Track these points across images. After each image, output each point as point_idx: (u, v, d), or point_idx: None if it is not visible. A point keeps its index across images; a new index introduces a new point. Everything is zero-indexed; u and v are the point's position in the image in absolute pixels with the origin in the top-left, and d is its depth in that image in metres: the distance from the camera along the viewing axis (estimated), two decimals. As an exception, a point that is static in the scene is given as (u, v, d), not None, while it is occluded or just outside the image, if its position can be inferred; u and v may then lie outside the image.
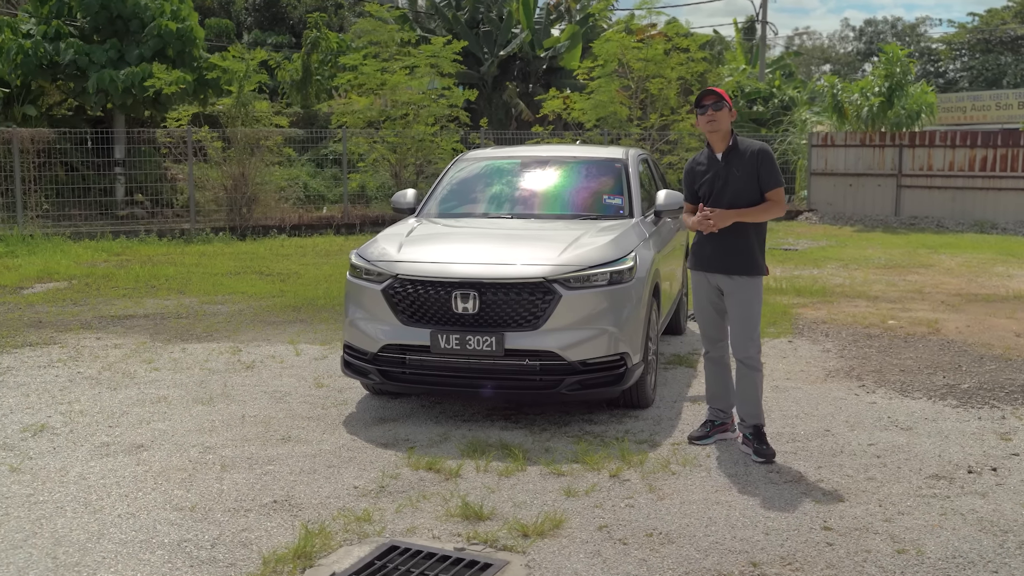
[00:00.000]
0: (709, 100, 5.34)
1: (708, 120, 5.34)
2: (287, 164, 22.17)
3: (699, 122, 5.42)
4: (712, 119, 5.33)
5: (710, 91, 5.38)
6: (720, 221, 5.25)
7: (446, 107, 19.36)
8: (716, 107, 5.33)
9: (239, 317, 9.56)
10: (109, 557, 4.04)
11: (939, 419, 6.17)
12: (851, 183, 21.04)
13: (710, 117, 5.33)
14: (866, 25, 78.11)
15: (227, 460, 5.30)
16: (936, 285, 12.13)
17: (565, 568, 3.94)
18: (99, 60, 19.93)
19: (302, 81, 27.65)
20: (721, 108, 5.34)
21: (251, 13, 49.44)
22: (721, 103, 5.33)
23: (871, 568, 3.97)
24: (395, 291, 5.83)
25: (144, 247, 15.57)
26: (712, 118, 5.33)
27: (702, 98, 5.37)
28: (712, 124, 5.34)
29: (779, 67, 35.25)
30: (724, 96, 5.39)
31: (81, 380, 7.05)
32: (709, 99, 5.34)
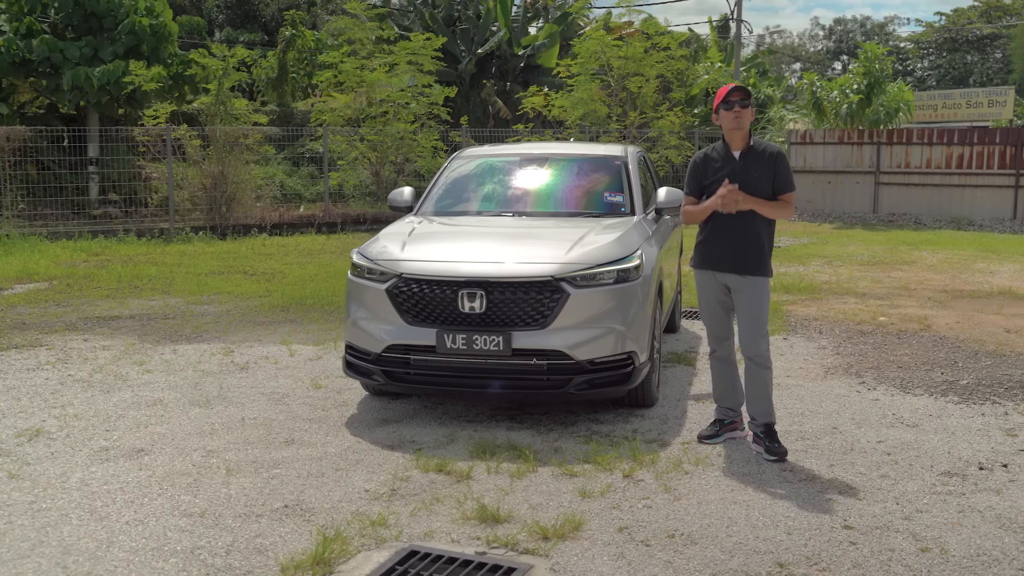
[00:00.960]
0: (737, 96, 5.28)
1: (734, 116, 5.28)
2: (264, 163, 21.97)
3: (722, 118, 5.34)
4: (739, 116, 5.28)
5: (739, 87, 5.32)
6: (742, 202, 5.16)
7: (426, 105, 19.24)
8: (743, 104, 5.28)
9: (227, 317, 9.42)
10: (121, 566, 3.93)
11: (943, 415, 6.17)
12: (830, 180, 21.17)
13: (737, 114, 5.28)
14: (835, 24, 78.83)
15: (232, 464, 5.19)
16: (921, 281, 12.19)
17: (591, 571, 3.88)
18: (73, 57, 19.61)
19: (278, 79, 27.41)
20: (747, 106, 5.29)
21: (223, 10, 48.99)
22: (748, 100, 5.29)
23: (897, 567, 3.94)
24: (399, 290, 5.74)
25: (123, 247, 15.34)
26: (739, 115, 5.28)
27: (730, 93, 5.30)
28: (737, 121, 5.29)
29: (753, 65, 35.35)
30: (749, 94, 5.35)
31: (72, 383, 6.89)
32: (737, 95, 5.28)
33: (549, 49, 25.80)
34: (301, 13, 29.58)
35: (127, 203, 19.52)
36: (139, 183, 20.47)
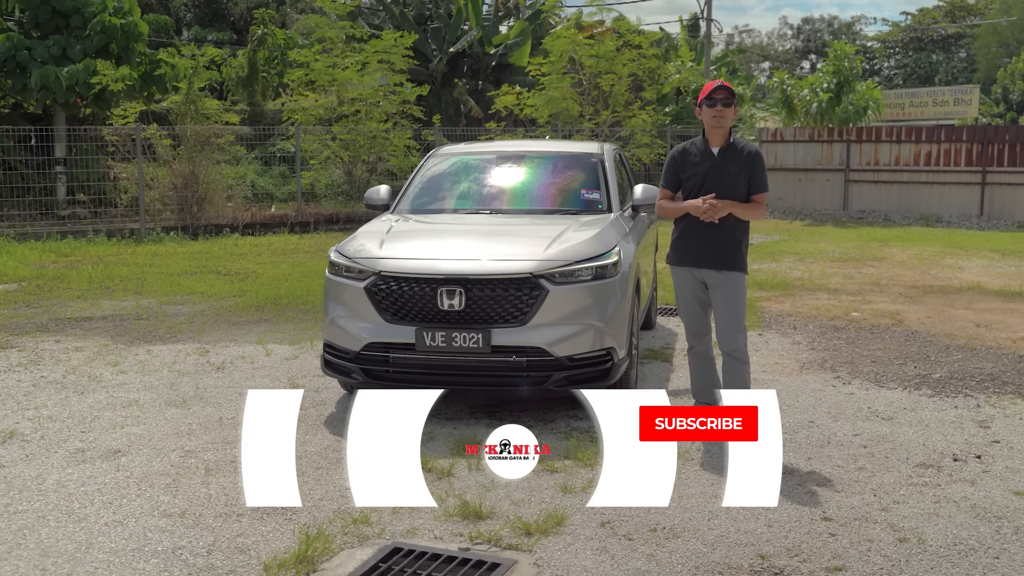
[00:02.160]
0: (720, 94, 5.32)
1: (716, 114, 5.32)
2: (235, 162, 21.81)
3: (704, 114, 5.39)
4: (720, 114, 5.32)
5: (722, 86, 5.35)
6: (721, 211, 5.22)
7: (398, 103, 19.19)
8: (726, 102, 5.32)
9: (201, 318, 9.35)
10: (101, 567, 3.90)
11: (917, 408, 6.25)
12: (800, 178, 21.35)
13: (719, 112, 5.31)
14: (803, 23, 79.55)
15: (210, 464, 5.16)
16: (892, 277, 12.33)
17: (574, 566, 3.90)
18: (40, 56, 19.38)
19: (248, 78, 27.22)
20: (730, 104, 5.33)
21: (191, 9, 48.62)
22: (731, 99, 5.33)
23: (876, 557, 3.99)
24: (378, 288, 5.73)
25: (93, 247, 15.18)
26: (721, 113, 5.32)
27: (714, 91, 5.33)
28: (718, 119, 5.33)
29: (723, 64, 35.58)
30: (733, 92, 5.38)
31: (45, 384, 6.82)
32: (720, 93, 5.32)
33: (521, 48, 25.83)
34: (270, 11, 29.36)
35: (96, 203, 19.32)
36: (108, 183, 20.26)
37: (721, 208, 5.19)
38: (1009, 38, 54.48)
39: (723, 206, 5.20)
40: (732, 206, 5.24)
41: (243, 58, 27.63)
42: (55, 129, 20.10)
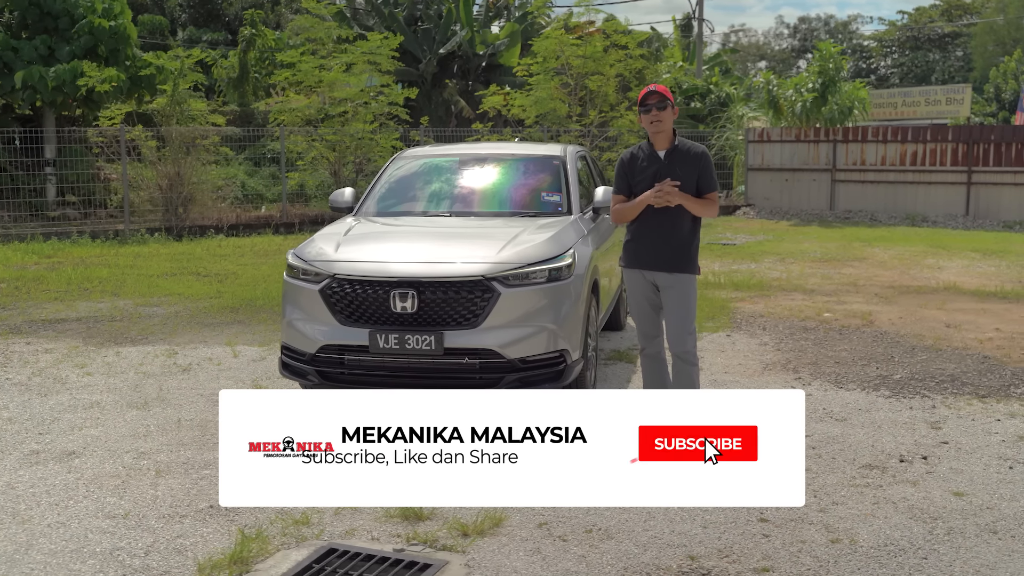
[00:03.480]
0: (653, 100, 5.35)
1: (652, 120, 5.35)
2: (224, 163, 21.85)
3: (642, 120, 5.43)
4: (657, 119, 5.35)
5: (654, 91, 5.37)
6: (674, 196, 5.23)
7: (385, 104, 19.23)
8: (660, 106, 5.34)
9: (175, 319, 9.40)
10: (38, 568, 3.95)
11: (872, 409, 6.29)
12: (787, 178, 21.39)
13: (654, 117, 5.35)
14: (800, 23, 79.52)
15: (162, 465, 5.20)
16: (870, 278, 12.37)
17: (505, 566, 3.95)
18: (27, 56, 19.42)
19: (239, 79, 27.32)
20: (665, 107, 5.35)
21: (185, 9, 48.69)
22: (665, 102, 5.35)
23: (806, 558, 4.04)
24: (333, 291, 5.78)
25: (77, 249, 15.22)
26: (657, 118, 5.35)
27: (646, 97, 5.37)
28: (656, 124, 5.36)
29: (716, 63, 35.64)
30: (668, 95, 5.41)
31: (10, 386, 6.87)
32: (653, 99, 5.35)
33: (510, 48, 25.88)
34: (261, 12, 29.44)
35: (85, 204, 19.36)
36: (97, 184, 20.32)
37: (672, 190, 5.20)
38: (1005, 37, 54.45)
39: (676, 193, 5.22)
40: (685, 197, 5.27)
41: (234, 59, 27.72)
42: (44, 130, 20.14)
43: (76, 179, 19.80)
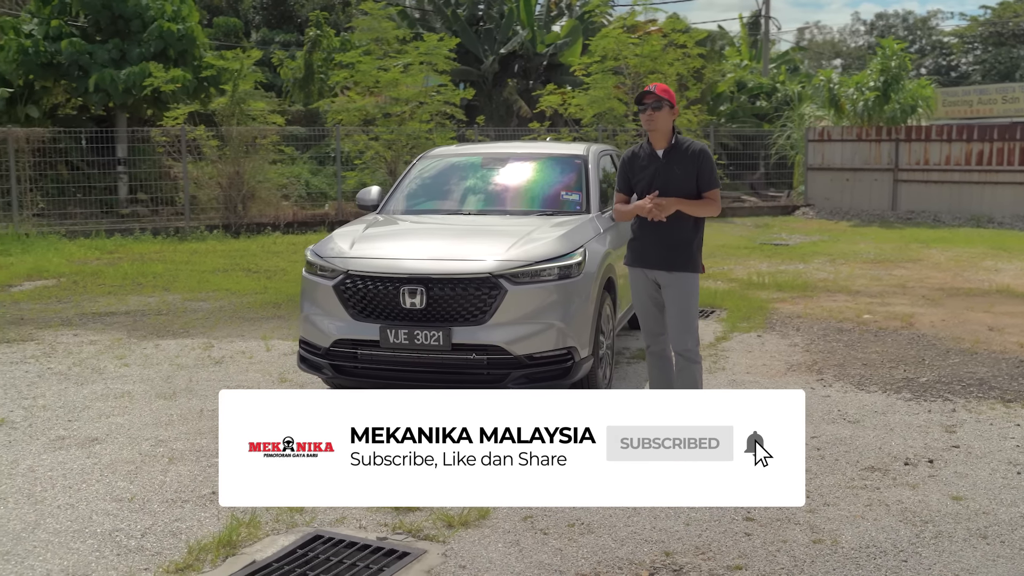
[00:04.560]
0: (649, 100, 5.39)
1: (647, 119, 5.40)
2: (289, 162, 22.33)
3: (642, 120, 5.49)
4: (651, 118, 5.39)
5: (650, 91, 5.42)
6: (667, 208, 5.29)
7: (442, 104, 19.43)
8: (655, 107, 5.39)
9: (218, 314, 9.68)
10: (40, 546, 4.16)
11: (889, 412, 6.21)
12: (848, 178, 21.02)
13: (649, 116, 5.39)
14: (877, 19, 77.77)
15: (176, 453, 5.41)
16: (921, 279, 12.13)
17: (480, 557, 4.03)
18: (100, 59, 20.12)
19: (304, 79, 27.83)
20: (660, 108, 5.39)
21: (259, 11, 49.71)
22: (660, 103, 5.38)
23: (782, 558, 4.04)
24: (346, 287, 5.93)
25: (138, 245, 15.74)
26: (651, 117, 5.39)
27: (642, 97, 5.42)
28: (651, 123, 5.41)
29: (784, 62, 35.17)
30: (666, 95, 5.43)
31: (50, 375, 7.18)
32: (648, 99, 5.40)
33: (571, 47, 25.88)
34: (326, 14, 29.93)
35: (154, 202, 19.97)
36: (166, 182, 20.96)
37: (666, 206, 5.25)
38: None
39: (668, 203, 5.26)
40: (679, 203, 5.30)
41: (300, 59, 28.25)
42: (117, 130, 20.84)
43: (146, 177, 20.45)
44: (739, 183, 26.15)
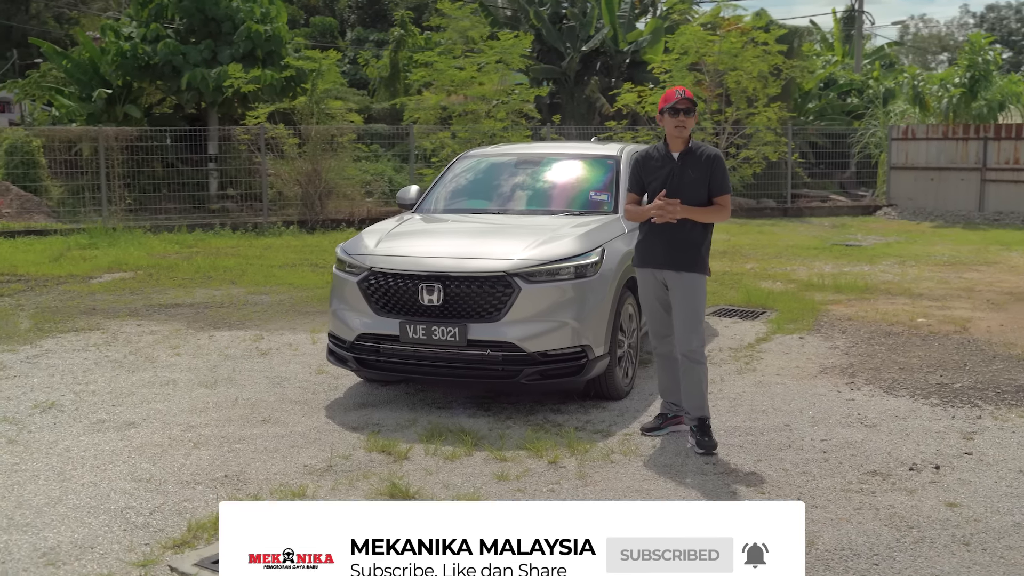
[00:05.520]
0: (684, 105, 5.45)
1: (678, 124, 5.46)
2: (374, 159, 22.85)
3: (666, 122, 5.53)
4: (682, 124, 5.46)
5: (685, 97, 5.48)
6: (676, 213, 5.37)
7: (518, 102, 19.61)
8: (688, 113, 5.46)
9: (276, 307, 10.07)
10: (57, 519, 4.49)
11: (910, 417, 6.15)
12: (932, 177, 20.43)
13: (681, 121, 5.46)
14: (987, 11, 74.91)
15: (203, 438, 5.72)
16: (991, 283, 11.80)
17: None
18: (193, 60, 20.98)
19: (390, 78, 28.40)
20: (691, 115, 5.47)
21: (355, 10, 50.76)
22: (692, 110, 5.47)
23: (753, 556, 4.09)
24: (369, 283, 6.17)
25: (216, 240, 16.36)
26: (683, 123, 5.46)
27: (678, 103, 5.47)
28: (680, 129, 5.47)
29: (878, 57, 34.27)
30: (695, 101, 5.53)
31: (106, 363, 7.62)
32: (684, 104, 5.46)
33: (653, 45, 25.75)
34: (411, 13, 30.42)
35: (243, 198, 20.69)
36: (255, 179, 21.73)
37: (674, 209, 5.32)
38: None
39: (678, 209, 5.33)
40: (689, 211, 5.37)
41: (386, 58, 28.84)
42: (208, 129, 21.69)
43: (236, 174, 21.23)
44: (827, 182, 25.65)
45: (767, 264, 13.47)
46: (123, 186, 18.89)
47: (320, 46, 35.27)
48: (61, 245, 15.02)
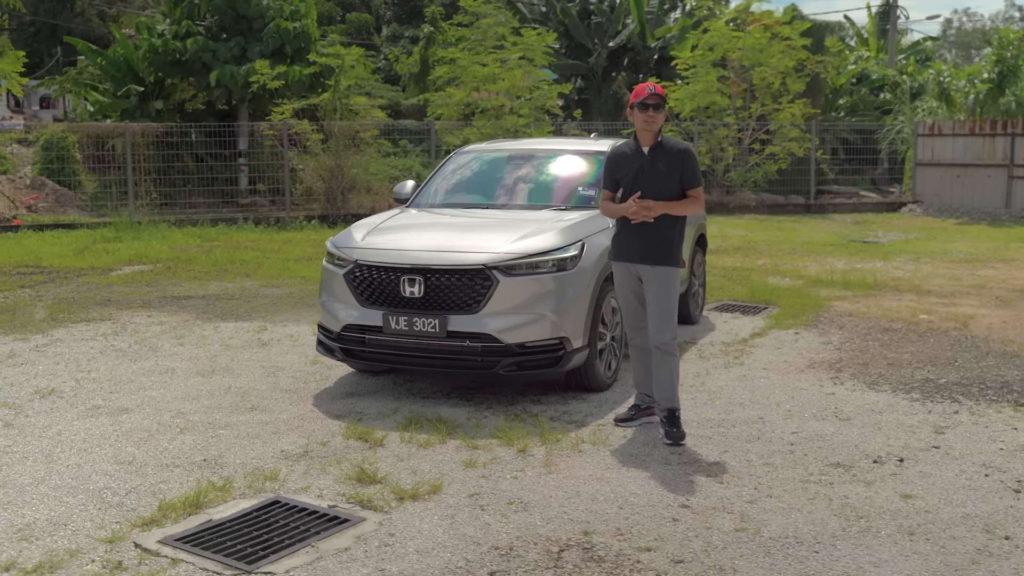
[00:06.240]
0: (653, 101, 5.57)
1: (647, 119, 5.57)
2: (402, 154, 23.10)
3: (636, 117, 5.65)
4: (652, 118, 5.58)
5: (655, 92, 5.59)
6: (653, 210, 5.48)
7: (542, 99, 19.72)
8: (657, 109, 5.57)
9: (285, 299, 10.29)
10: (38, 498, 4.71)
11: (887, 411, 6.19)
12: (958, 174, 20.22)
13: (650, 116, 5.57)
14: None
15: (190, 424, 5.92)
16: (1004, 280, 11.72)
17: (411, 527, 4.35)
18: (222, 57, 21.32)
19: (420, 74, 28.63)
20: (660, 110, 5.59)
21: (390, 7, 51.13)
22: (662, 106, 5.58)
23: (697, 542, 4.20)
24: (355, 275, 6.34)
25: (238, 233, 16.67)
26: (652, 118, 5.57)
27: (648, 98, 5.58)
28: (649, 123, 5.58)
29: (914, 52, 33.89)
30: (665, 97, 5.64)
31: (111, 351, 7.87)
32: (653, 99, 5.57)
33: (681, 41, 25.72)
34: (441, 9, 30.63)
35: (272, 192, 21.02)
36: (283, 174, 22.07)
37: (651, 207, 5.43)
38: None
39: (653, 207, 5.44)
40: (664, 206, 5.48)
41: (416, 55, 29.09)
42: (238, 125, 22.04)
43: (265, 169, 21.57)
44: (858, 178, 25.45)
45: (779, 260, 13.48)
46: (150, 181, 19.25)
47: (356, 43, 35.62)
48: (87, 238, 15.41)
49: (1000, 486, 4.89)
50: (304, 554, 4.07)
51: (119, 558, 4.04)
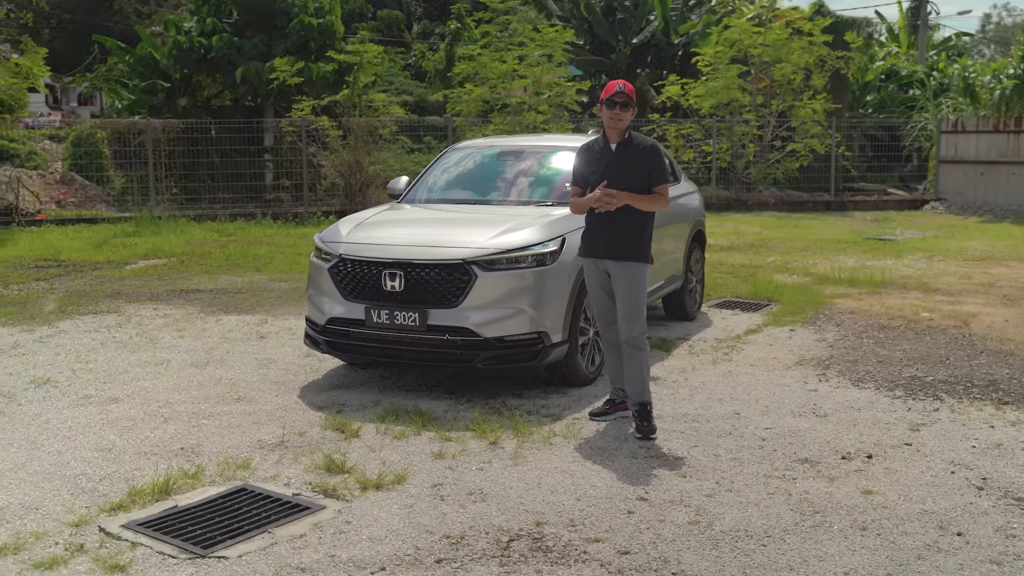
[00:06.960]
0: (621, 99, 5.63)
1: (614, 116, 5.63)
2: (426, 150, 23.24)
3: (603, 114, 5.71)
4: (619, 116, 5.63)
5: (623, 91, 5.64)
6: (617, 199, 5.54)
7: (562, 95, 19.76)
8: (625, 107, 5.63)
9: (289, 294, 10.44)
10: (16, 483, 4.86)
11: (866, 408, 6.20)
12: (982, 171, 19.98)
13: (617, 115, 5.63)
14: (1074, -1, 72.25)
15: (175, 414, 6.06)
16: (1015, 279, 11.61)
17: (369, 515, 4.44)
18: (247, 53, 21.60)
19: (445, 70, 28.74)
20: (628, 109, 5.64)
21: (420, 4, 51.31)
22: (629, 104, 5.64)
23: (647, 534, 4.25)
24: (339, 270, 6.45)
25: (256, 229, 16.88)
26: (619, 116, 5.63)
27: (615, 95, 5.64)
28: (615, 120, 5.64)
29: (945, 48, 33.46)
30: (632, 96, 5.68)
31: (111, 343, 8.05)
32: (621, 98, 5.63)
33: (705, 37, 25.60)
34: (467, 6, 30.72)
35: (296, 188, 21.24)
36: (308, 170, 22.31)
37: (614, 198, 5.48)
38: None
39: (617, 196, 5.50)
40: (629, 197, 5.53)
41: (442, 51, 29.22)
42: (262, 121, 22.30)
43: (289, 165, 21.81)
44: (886, 176, 25.20)
45: (790, 257, 13.43)
46: (171, 176, 19.54)
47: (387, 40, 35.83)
48: (107, 233, 15.69)
49: (964, 483, 4.89)
50: (259, 539, 4.18)
51: (82, 541, 4.17)
